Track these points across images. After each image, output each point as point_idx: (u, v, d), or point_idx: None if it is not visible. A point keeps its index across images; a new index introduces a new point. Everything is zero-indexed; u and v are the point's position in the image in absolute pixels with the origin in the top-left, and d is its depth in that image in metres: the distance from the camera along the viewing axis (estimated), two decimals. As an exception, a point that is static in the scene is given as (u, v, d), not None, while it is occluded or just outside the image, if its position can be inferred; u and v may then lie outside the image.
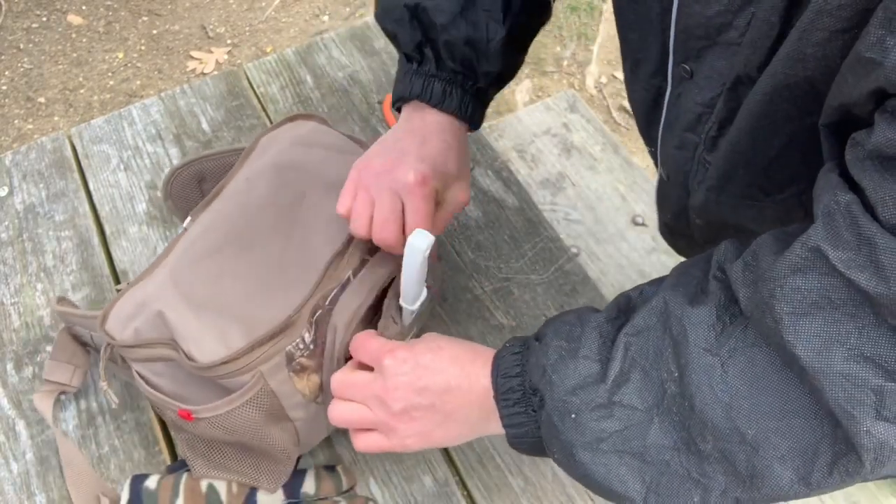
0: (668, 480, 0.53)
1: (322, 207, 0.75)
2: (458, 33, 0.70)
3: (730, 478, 0.51)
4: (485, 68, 0.72)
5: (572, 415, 0.56)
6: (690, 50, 0.62)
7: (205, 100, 1.09)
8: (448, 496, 0.75)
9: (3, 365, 0.86)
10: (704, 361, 0.51)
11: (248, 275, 0.69)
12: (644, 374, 0.54)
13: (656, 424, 0.53)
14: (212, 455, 0.72)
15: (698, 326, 0.52)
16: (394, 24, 0.73)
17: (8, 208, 1.00)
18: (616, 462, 0.54)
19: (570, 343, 0.58)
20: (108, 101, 2.32)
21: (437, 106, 0.72)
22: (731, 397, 0.50)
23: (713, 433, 0.51)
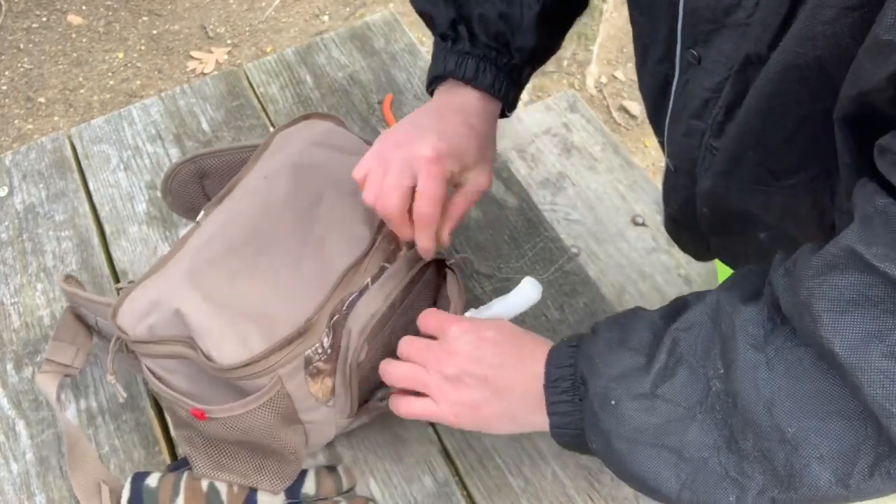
0: (704, 478, 0.53)
1: (340, 210, 0.74)
2: (491, 7, 0.70)
3: (768, 477, 0.51)
4: (519, 43, 0.71)
5: (612, 402, 0.56)
6: (698, 34, 0.62)
7: (205, 100, 1.10)
8: (448, 496, 0.75)
9: (3, 365, 0.86)
10: (751, 357, 0.51)
11: (266, 275, 0.69)
12: (690, 371, 0.54)
13: (698, 422, 0.54)
14: (214, 454, 0.72)
15: (748, 323, 0.52)
16: (428, 4, 0.73)
17: (8, 208, 1.00)
18: (653, 455, 0.55)
19: (620, 335, 0.59)
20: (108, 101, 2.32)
21: (470, 82, 0.71)
22: (773, 394, 0.50)
23: (754, 431, 0.51)
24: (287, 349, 0.65)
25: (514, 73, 0.73)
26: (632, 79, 2.31)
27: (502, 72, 0.72)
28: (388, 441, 0.79)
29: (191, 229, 0.73)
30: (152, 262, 0.93)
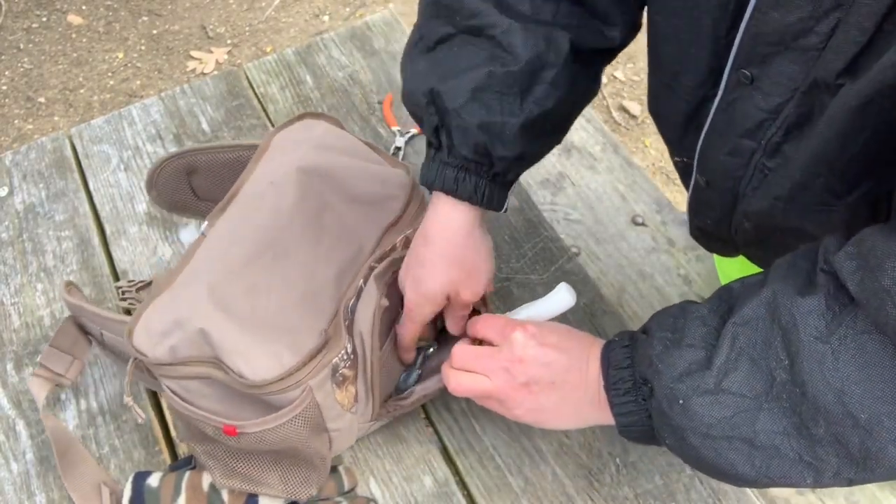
0: (778, 463, 0.55)
1: (345, 217, 0.74)
2: (470, 118, 0.68)
3: (843, 460, 0.53)
4: (500, 153, 0.69)
5: (680, 401, 0.58)
6: (755, 56, 0.61)
7: (205, 100, 1.09)
8: (448, 496, 0.75)
9: (3, 365, 0.86)
10: (816, 349, 0.52)
11: (282, 286, 0.68)
12: (752, 363, 0.56)
13: (765, 411, 0.55)
14: (236, 465, 0.71)
15: (808, 316, 0.53)
16: (415, 107, 0.72)
17: (8, 208, 1.00)
18: (726, 447, 0.57)
19: (674, 333, 0.60)
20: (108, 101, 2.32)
21: (450, 193, 0.70)
22: (842, 383, 0.51)
23: (826, 418, 0.52)
24: (317, 359, 0.65)
25: (497, 178, 0.72)
26: (632, 79, 2.31)
27: (483, 179, 0.70)
28: (388, 441, 0.79)
29: (197, 241, 0.72)
30: (152, 262, 0.93)
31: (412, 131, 1.03)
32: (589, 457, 0.77)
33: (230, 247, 0.70)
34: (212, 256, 0.69)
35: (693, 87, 0.69)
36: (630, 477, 0.75)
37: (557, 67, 0.68)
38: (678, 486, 0.75)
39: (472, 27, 0.68)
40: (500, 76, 0.67)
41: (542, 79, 0.69)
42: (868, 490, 0.91)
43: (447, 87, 0.68)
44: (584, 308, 0.87)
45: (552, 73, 0.68)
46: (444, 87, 0.68)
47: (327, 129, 0.80)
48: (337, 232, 0.73)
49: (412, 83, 0.72)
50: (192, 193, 0.87)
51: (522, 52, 0.67)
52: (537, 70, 0.68)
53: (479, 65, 0.68)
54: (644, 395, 0.62)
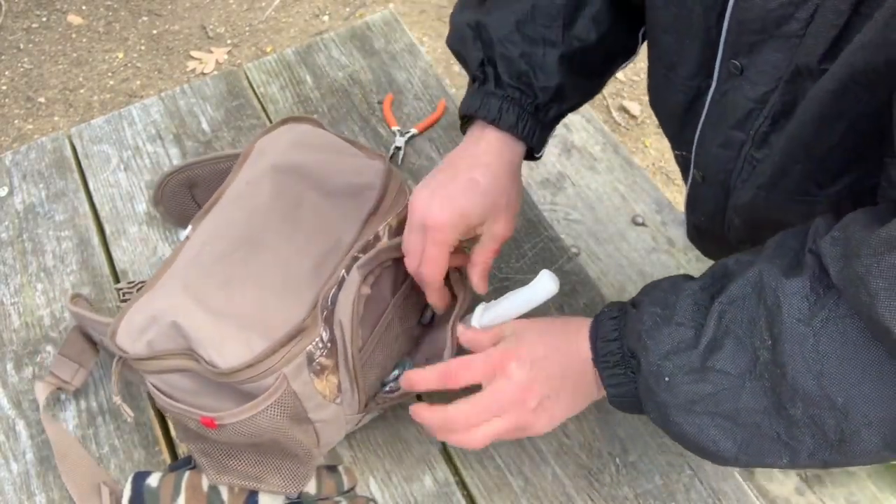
0: (758, 441, 0.56)
1: (322, 210, 0.75)
2: (514, 47, 0.71)
3: (818, 441, 0.54)
4: (542, 83, 0.71)
5: (666, 378, 0.59)
6: (742, 45, 0.62)
7: (205, 100, 1.09)
8: (448, 496, 0.75)
9: (3, 365, 0.86)
10: (798, 331, 0.53)
11: (258, 279, 0.69)
12: (737, 341, 0.56)
13: (748, 389, 0.56)
14: (228, 462, 0.72)
15: (792, 297, 0.54)
16: (460, 44, 0.74)
17: (8, 208, 1.00)
18: (708, 423, 0.57)
19: (664, 310, 0.60)
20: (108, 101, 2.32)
21: (493, 122, 0.71)
22: (822, 366, 0.52)
23: (803, 399, 0.53)
24: (288, 346, 0.65)
25: (539, 113, 0.73)
26: (632, 79, 2.31)
27: (526, 111, 0.72)
28: (388, 441, 0.79)
29: (180, 244, 0.73)
30: (152, 262, 0.93)
31: (412, 131, 1.03)
32: (589, 457, 0.77)
33: (205, 246, 0.71)
34: (188, 257, 0.71)
35: (688, 79, 0.70)
36: (630, 477, 0.75)
37: (598, 5, 0.72)
38: (678, 486, 0.75)
39: None
40: (544, 8, 0.71)
41: (584, 14, 0.72)
42: (868, 490, 0.91)
43: (492, 19, 0.71)
44: (585, 308, 0.87)
45: (593, 9, 0.72)
46: (489, 19, 0.71)
47: (307, 129, 0.81)
48: (313, 225, 0.74)
49: (459, 18, 0.74)
50: (196, 206, 0.89)
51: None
52: (579, 5, 0.72)
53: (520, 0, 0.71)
54: (633, 367, 0.62)
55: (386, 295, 0.75)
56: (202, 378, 0.66)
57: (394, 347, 0.77)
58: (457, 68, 2.29)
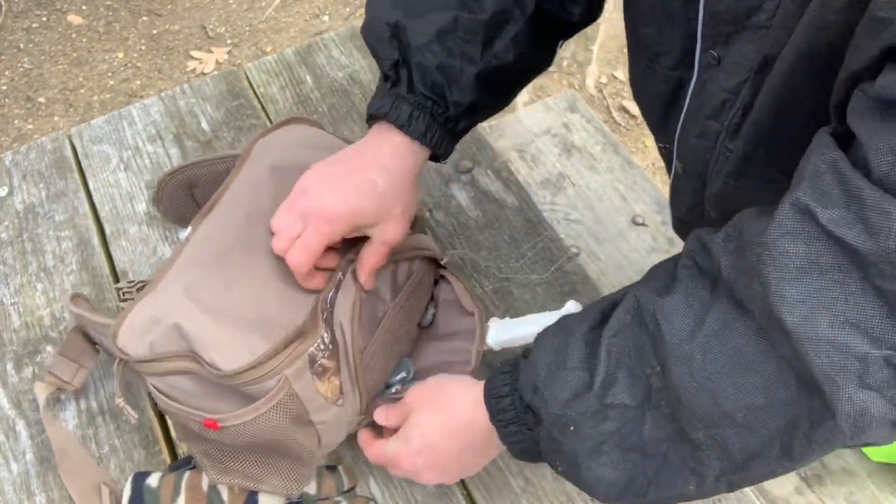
0: (667, 472, 0.55)
1: None
2: (432, 57, 0.69)
3: (724, 462, 0.52)
4: (455, 97, 0.70)
5: (571, 427, 0.57)
6: (718, 36, 0.62)
7: (205, 100, 1.10)
8: (448, 496, 0.75)
9: (3, 365, 0.86)
10: (682, 351, 0.52)
11: (258, 281, 0.69)
12: (629, 372, 0.55)
13: (649, 419, 0.54)
14: (229, 462, 0.71)
15: (671, 317, 0.53)
16: (375, 40, 0.72)
17: (8, 208, 1.00)
18: (620, 459, 0.56)
19: (556, 356, 0.59)
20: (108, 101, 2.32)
21: (402, 128, 0.70)
22: (714, 383, 0.50)
23: (703, 421, 0.52)
24: (290, 348, 0.65)
25: (449, 124, 0.72)
26: (632, 79, 2.31)
27: (436, 122, 0.71)
28: (388, 441, 0.79)
29: (180, 245, 0.73)
30: (152, 262, 0.93)
31: (412, 131, 1.03)
32: (589, 457, 0.77)
33: (206, 247, 0.71)
34: (189, 257, 0.71)
35: (671, 69, 0.70)
36: (630, 477, 0.75)
37: (520, 25, 0.71)
38: (678, 486, 0.75)
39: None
40: (466, 22, 0.69)
41: (505, 33, 0.71)
42: (868, 490, 0.91)
43: (413, 24, 0.69)
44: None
45: (515, 29, 0.71)
46: (410, 23, 0.69)
47: (308, 131, 0.81)
48: None
49: (377, 12, 0.72)
50: (196, 206, 0.89)
51: (489, 5, 0.69)
52: (501, 23, 0.70)
53: (447, 7, 0.69)
54: (529, 423, 0.61)
55: (385, 296, 0.75)
56: (204, 380, 0.66)
57: (395, 349, 0.77)
58: (457, 68, 2.29)
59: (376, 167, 0.69)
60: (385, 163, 0.69)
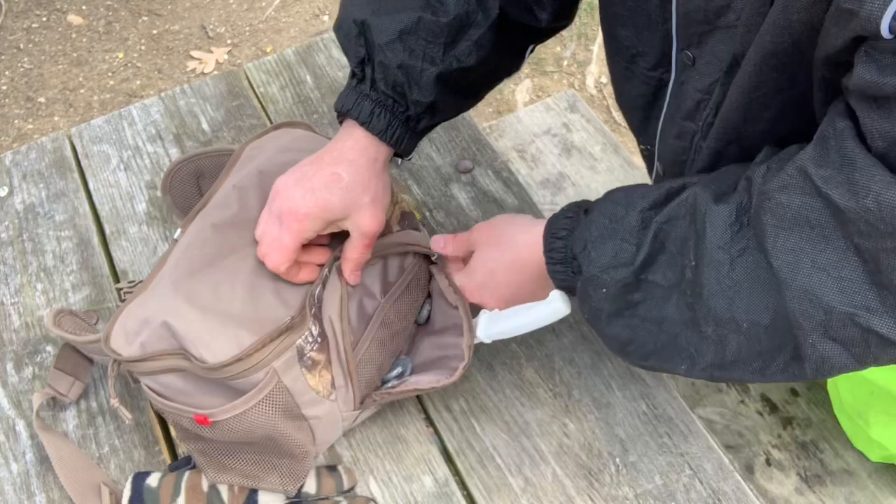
0: (671, 348, 0.61)
1: None
2: (393, 56, 0.70)
3: (716, 358, 0.59)
4: (415, 97, 0.71)
5: (603, 289, 0.63)
6: (692, 36, 0.64)
7: (205, 100, 1.09)
8: (448, 496, 0.75)
9: (3, 365, 0.86)
10: (716, 257, 0.57)
11: (247, 279, 0.69)
12: (670, 257, 0.61)
13: (674, 300, 0.60)
14: (226, 460, 0.72)
15: (717, 225, 0.57)
16: (344, 37, 0.74)
17: (8, 208, 1.00)
18: (637, 325, 0.63)
19: (612, 222, 0.64)
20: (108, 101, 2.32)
21: (363, 125, 0.71)
22: (732, 292, 0.56)
23: (714, 320, 0.58)
24: (277, 340, 0.66)
25: (410, 122, 0.73)
26: (632, 79, 2.31)
27: (397, 119, 0.72)
28: (388, 441, 0.79)
29: (170, 247, 0.74)
30: (152, 262, 0.93)
31: (412, 131, 1.03)
32: (589, 457, 0.77)
33: (193, 248, 0.71)
34: (178, 259, 0.71)
35: (649, 69, 0.72)
36: (630, 477, 0.75)
37: (483, 29, 0.72)
38: (678, 486, 0.75)
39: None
40: (429, 23, 0.70)
41: (468, 36, 0.72)
42: (868, 490, 0.92)
43: (378, 22, 0.71)
44: (584, 308, 0.87)
45: (477, 33, 0.72)
46: (375, 22, 0.71)
47: (299, 134, 0.81)
48: None
49: (348, 9, 0.74)
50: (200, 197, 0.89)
51: (453, 8, 0.71)
52: (464, 27, 0.72)
53: (412, 7, 0.71)
54: (574, 269, 0.67)
55: (375, 292, 0.75)
56: (195, 377, 0.67)
57: (391, 346, 0.77)
58: (457, 68, 2.29)
59: (342, 162, 0.70)
60: (349, 157, 0.71)
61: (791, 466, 0.94)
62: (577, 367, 0.82)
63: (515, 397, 0.81)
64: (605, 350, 0.83)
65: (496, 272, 0.75)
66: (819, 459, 0.94)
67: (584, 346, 0.83)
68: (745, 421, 0.98)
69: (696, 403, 1.00)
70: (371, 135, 0.72)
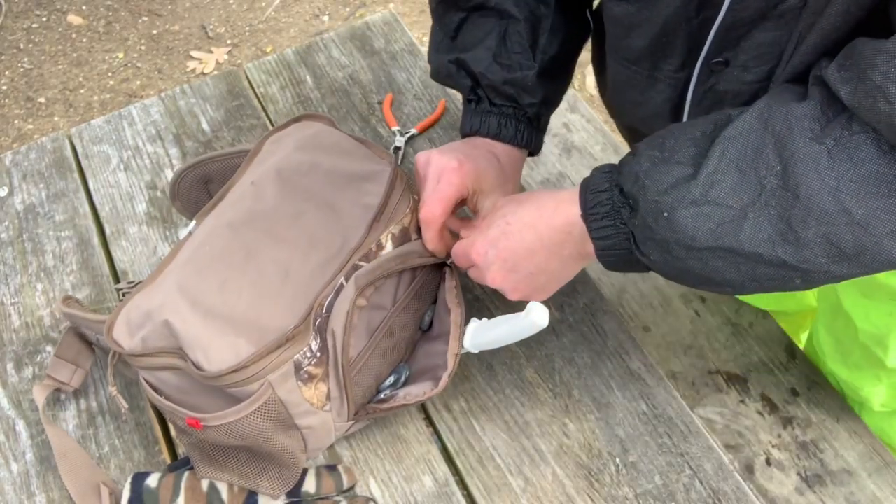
0: (764, 269, 0.57)
1: (326, 214, 0.74)
2: (495, 77, 0.78)
3: (832, 259, 0.55)
4: (527, 101, 0.80)
5: (665, 213, 0.59)
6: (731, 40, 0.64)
7: (205, 100, 1.09)
8: (448, 496, 0.75)
9: (3, 365, 0.86)
10: (811, 150, 0.54)
11: (256, 282, 0.69)
12: (740, 174, 0.57)
13: (750, 220, 0.56)
14: (218, 458, 0.72)
15: (803, 119, 0.54)
16: (447, 78, 0.83)
17: (8, 208, 1.00)
18: (710, 256, 0.58)
19: (662, 152, 0.61)
20: (108, 101, 2.32)
21: (495, 138, 0.80)
22: (838, 181, 0.53)
23: (818, 218, 0.54)
24: (274, 354, 0.65)
25: (532, 122, 0.81)
26: (632, 79, 2.30)
27: (521, 123, 0.80)
28: (388, 441, 0.79)
29: (183, 239, 0.73)
30: (152, 262, 0.93)
31: (412, 131, 1.03)
32: (589, 457, 0.77)
33: (205, 245, 0.71)
34: (188, 255, 0.71)
35: (675, 71, 0.71)
36: (630, 477, 0.75)
37: (551, 16, 0.79)
38: (678, 486, 0.75)
39: (475, 5, 0.80)
40: (511, 35, 0.79)
41: (543, 28, 0.79)
42: (868, 490, 0.91)
43: (470, 56, 0.80)
44: (585, 308, 0.87)
45: (549, 22, 0.79)
46: (468, 56, 0.80)
47: (319, 129, 0.80)
48: (316, 228, 0.73)
49: (437, 60, 0.83)
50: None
51: (519, 12, 0.78)
52: (536, 23, 0.79)
53: (490, 33, 0.79)
54: (623, 217, 0.62)
55: (386, 303, 0.74)
56: (191, 377, 0.66)
57: (391, 356, 0.77)
58: (457, 68, 2.29)
59: (493, 150, 0.80)
60: (497, 151, 0.80)
61: (791, 466, 0.94)
62: (577, 367, 0.82)
63: (515, 397, 0.80)
64: (606, 350, 0.83)
65: (512, 226, 0.70)
66: (819, 459, 0.94)
67: (584, 346, 0.83)
68: (745, 421, 0.98)
69: (696, 403, 1.00)
70: (502, 144, 0.80)
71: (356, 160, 0.78)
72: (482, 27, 0.80)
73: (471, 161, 0.75)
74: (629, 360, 0.82)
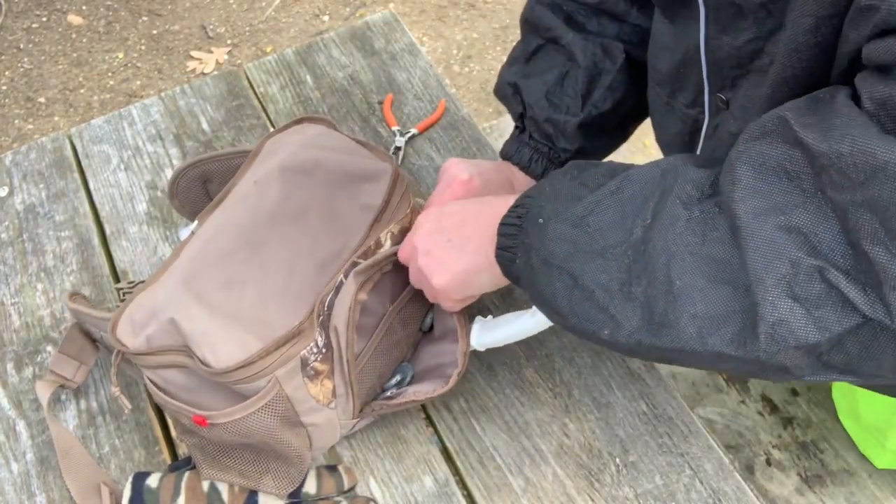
0: (589, 308, 0.57)
1: (329, 213, 0.74)
2: (541, 112, 0.81)
3: (643, 323, 0.55)
4: (562, 145, 0.81)
5: (540, 220, 0.60)
6: (725, 79, 0.64)
7: (205, 100, 1.09)
8: (448, 496, 0.75)
9: (3, 365, 0.86)
10: (675, 212, 0.54)
11: (260, 280, 0.69)
12: (621, 216, 0.57)
13: (601, 261, 0.57)
14: (222, 458, 0.72)
15: (688, 182, 0.55)
16: (503, 98, 0.86)
17: (8, 208, 1.00)
18: (556, 276, 0.59)
19: (582, 171, 0.63)
20: (108, 101, 2.32)
21: (524, 169, 0.83)
22: (678, 248, 0.53)
23: (648, 277, 0.54)
24: (282, 349, 0.65)
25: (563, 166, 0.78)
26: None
27: (552, 164, 0.82)
28: (388, 441, 0.79)
29: (185, 239, 0.73)
30: (153, 261, 0.93)
31: (412, 131, 1.03)
32: (589, 457, 0.77)
33: (210, 243, 0.71)
34: (192, 253, 0.71)
35: (686, 107, 0.72)
36: (630, 477, 0.75)
37: (613, 73, 0.80)
38: (678, 486, 0.75)
39: (551, 38, 0.82)
40: (568, 79, 0.80)
41: (601, 83, 0.80)
42: (868, 490, 0.92)
43: (527, 84, 0.82)
44: (585, 308, 0.87)
45: (609, 78, 0.80)
46: (525, 83, 0.82)
47: (321, 131, 0.81)
48: (319, 228, 0.73)
49: (505, 74, 0.86)
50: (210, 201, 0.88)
51: (582, 59, 0.80)
52: (595, 75, 0.80)
53: (553, 68, 0.81)
54: (520, 213, 0.63)
55: (385, 300, 0.75)
56: (197, 375, 0.67)
57: (394, 354, 0.77)
58: (456, 68, 2.29)
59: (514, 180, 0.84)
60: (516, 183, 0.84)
61: (791, 466, 0.94)
62: (577, 367, 0.82)
63: (515, 397, 0.80)
64: (606, 350, 0.83)
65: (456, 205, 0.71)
66: (819, 459, 0.94)
67: (584, 346, 0.83)
68: (745, 421, 0.98)
69: (696, 403, 1.00)
70: (526, 176, 0.83)
71: (358, 160, 0.78)
72: (551, 61, 0.82)
73: (482, 180, 0.78)
74: (629, 359, 0.82)
